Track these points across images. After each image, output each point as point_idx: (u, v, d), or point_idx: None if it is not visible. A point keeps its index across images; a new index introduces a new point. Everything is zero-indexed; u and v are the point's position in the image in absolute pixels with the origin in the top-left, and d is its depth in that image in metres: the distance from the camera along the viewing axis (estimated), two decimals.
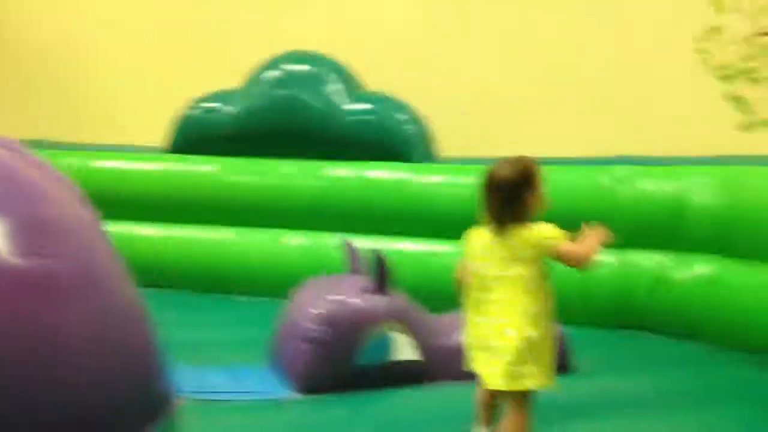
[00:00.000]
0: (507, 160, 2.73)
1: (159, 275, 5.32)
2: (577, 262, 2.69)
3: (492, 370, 2.62)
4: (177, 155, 5.65)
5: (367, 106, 5.35)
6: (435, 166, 5.17)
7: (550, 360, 2.65)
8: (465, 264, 2.77)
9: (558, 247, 2.66)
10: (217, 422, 2.95)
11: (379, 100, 5.41)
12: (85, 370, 2.48)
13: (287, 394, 3.26)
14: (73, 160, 5.66)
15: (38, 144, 5.59)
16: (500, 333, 2.60)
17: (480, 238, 2.73)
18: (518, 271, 2.64)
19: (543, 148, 5.19)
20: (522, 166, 2.73)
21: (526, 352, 2.58)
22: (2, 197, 2.54)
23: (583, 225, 2.86)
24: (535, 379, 2.59)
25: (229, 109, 5.55)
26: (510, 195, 2.66)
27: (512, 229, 2.67)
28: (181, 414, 2.92)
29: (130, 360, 2.73)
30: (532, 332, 2.60)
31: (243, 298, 5.25)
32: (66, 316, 2.46)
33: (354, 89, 5.46)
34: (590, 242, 2.72)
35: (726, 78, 4.04)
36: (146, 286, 3.27)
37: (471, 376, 3.36)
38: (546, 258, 2.67)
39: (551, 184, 4.91)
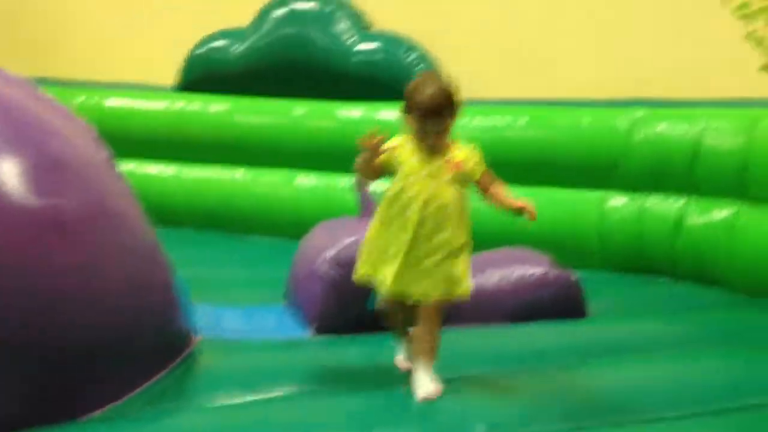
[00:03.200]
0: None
1: (171, 214, 5.35)
2: None
3: None
4: (188, 94, 5.64)
5: (376, 45, 5.28)
6: None
7: None
8: None
9: None
10: (233, 360, 2.96)
11: (389, 39, 5.34)
12: (101, 308, 2.52)
13: (303, 334, 3.28)
14: (83, 98, 5.65)
15: (45, 81, 5.55)
16: None
17: None
18: None
19: (559, 90, 5.17)
20: None
21: None
22: (15, 136, 2.54)
23: None
24: None
25: (237, 47, 5.50)
26: None
27: None
28: (200, 352, 2.96)
29: (147, 299, 2.76)
30: None
31: (256, 238, 5.26)
32: (79, 255, 2.48)
33: (362, 28, 5.39)
34: None
35: (746, 17, 3.95)
36: (159, 224, 3.31)
37: (496, 319, 3.42)
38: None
39: (570, 127, 4.90)
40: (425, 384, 2.60)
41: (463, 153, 2.69)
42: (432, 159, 2.64)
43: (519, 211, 2.67)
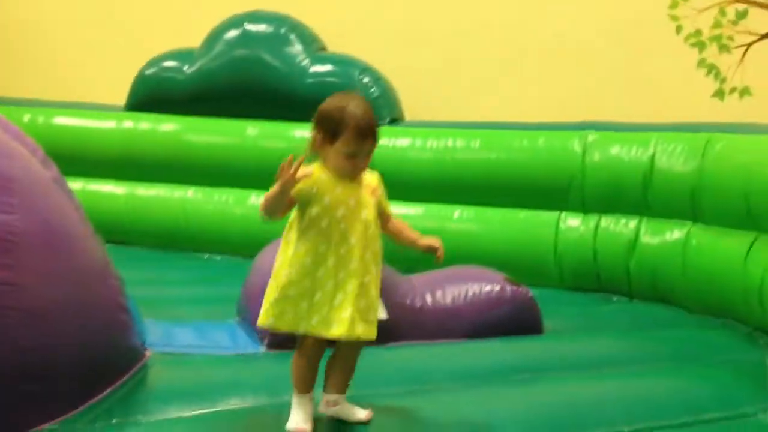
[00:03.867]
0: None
1: (122, 233, 5.32)
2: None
3: None
4: (139, 113, 5.58)
5: (330, 67, 5.28)
6: (401, 129, 5.13)
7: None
8: None
9: None
10: (184, 375, 2.91)
11: (343, 61, 5.35)
12: (47, 325, 2.48)
13: (255, 349, 3.23)
14: (29, 117, 5.59)
15: None
16: None
17: None
18: None
19: (511, 113, 5.22)
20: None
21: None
22: None
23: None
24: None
25: (188, 68, 5.46)
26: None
27: None
28: (150, 366, 2.89)
29: (96, 316, 2.71)
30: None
31: (208, 257, 5.25)
32: (27, 272, 2.44)
33: (316, 50, 5.39)
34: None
35: (697, 45, 4.04)
36: (110, 243, 3.25)
37: (452, 335, 3.37)
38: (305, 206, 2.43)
39: (525, 149, 4.99)
40: (360, 409, 2.54)
41: (373, 179, 2.53)
42: (354, 186, 2.45)
43: (429, 250, 2.55)
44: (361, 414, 2.52)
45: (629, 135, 4.50)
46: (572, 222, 4.55)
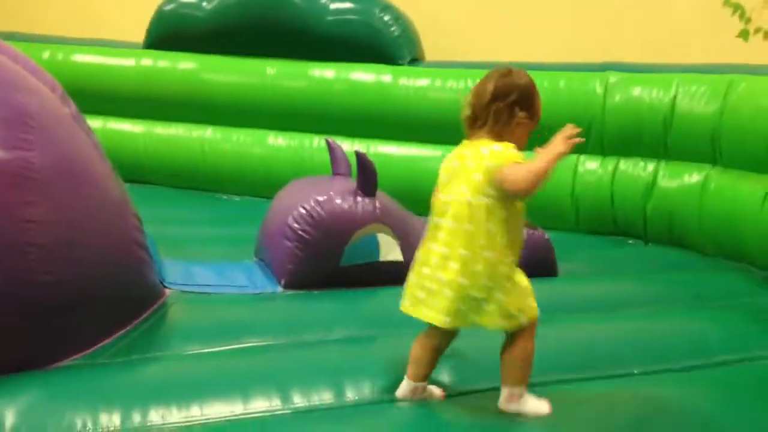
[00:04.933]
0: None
1: (140, 171, 5.35)
2: (517, 188, 2.26)
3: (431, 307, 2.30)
4: (157, 51, 5.55)
5: (351, 4, 5.22)
6: (421, 69, 5.08)
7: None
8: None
9: (501, 171, 2.24)
10: (203, 313, 2.95)
11: None
12: (71, 261, 2.51)
13: (273, 288, 3.26)
14: (49, 54, 5.58)
15: (11, 36, 5.44)
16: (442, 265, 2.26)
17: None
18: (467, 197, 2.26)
19: (530, 53, 5.15)
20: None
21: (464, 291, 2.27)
22: None
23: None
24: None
25: (207, 4, 5.41)
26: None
27: (475, 144, 2.30)
28: (170, 304, 2.93)
29: (116, 251, 2.74)
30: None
31: (226, 197, 5.27)
32: (46, 208, 2.45)
33: None
34: (540, 160, 2.26)
35: None
36: (129, 181, 3.28)
37: None
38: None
39: (545, 90, 4.91)
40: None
41: None
42: None
43: None
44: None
45: (651, 76, 4.44)
46: (590, 165, 4.53)
